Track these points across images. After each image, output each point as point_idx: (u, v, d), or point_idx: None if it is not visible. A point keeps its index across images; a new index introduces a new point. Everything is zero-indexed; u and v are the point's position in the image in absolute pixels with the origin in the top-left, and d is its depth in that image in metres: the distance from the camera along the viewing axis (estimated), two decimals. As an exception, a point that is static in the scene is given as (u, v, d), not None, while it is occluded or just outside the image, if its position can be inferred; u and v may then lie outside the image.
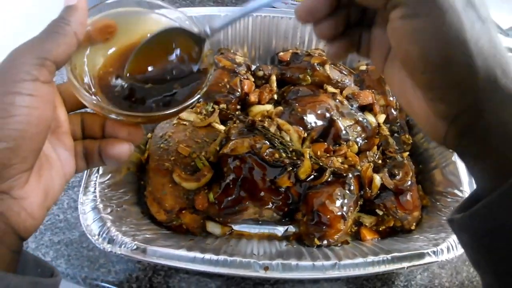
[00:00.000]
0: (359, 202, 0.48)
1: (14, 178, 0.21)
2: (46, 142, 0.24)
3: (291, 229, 0.49)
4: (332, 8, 0.24)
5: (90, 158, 0.28)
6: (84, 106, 0.27)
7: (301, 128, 0.49)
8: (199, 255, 0.40)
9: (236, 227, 0.49)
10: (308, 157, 0.46)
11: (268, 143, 0.46)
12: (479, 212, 0.21)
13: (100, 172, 0.45)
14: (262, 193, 0.46)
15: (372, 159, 0.51)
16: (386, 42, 0.24)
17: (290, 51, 0.58)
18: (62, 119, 0.25)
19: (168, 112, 0.25)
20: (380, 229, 0.50)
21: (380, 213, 0.49)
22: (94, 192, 0.44)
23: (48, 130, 0.22)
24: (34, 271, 0.24)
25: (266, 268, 0.40)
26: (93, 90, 0.25)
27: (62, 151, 0.25)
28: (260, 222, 0.49)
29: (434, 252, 0.43)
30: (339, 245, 0.47)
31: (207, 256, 0.40)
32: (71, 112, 0.27)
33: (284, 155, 0.46)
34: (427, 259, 0.42)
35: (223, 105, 0.51)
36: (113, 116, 0.24)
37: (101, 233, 0.41)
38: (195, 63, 0.27)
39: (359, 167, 0.49)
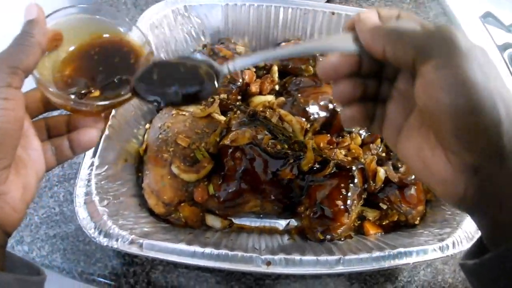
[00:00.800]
0: (362, 196, 0.46)
1: None
2: (18, 146, 0.26)
3: (293, 222, 0.47)
4: (353, 70, 0.25)
5: (60, 153, 0.30)
6: (46, 111, 0.30)
7: (304, 119, 0.47)
8: (199, 249, 0.38)
9: (236, 221, 0.47)
10: (311, 148, 0.44)
11: (269, 134, 0.44)
12: (493, 261, 0.21)
13: (96, 163, 0.42)
14: (264, 186, 0.43)
15: (376, 151, 0.49)
16: (400, 117, 0.25)
17: (292, 41, 0.55)
18: (27, 124, 0.28)
19: (122, 98, 0.28)
20: (384, 223, 0.48)
21: (384, 207, 0.47)
22: (90, 184, 0.41)
23: (22, 129, 0.25)
24: (21, 271, 0.26)
25: (268, 263, 0.38)
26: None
27: (31, 152, 0.28)
28: (261, 216, 0.47)
29: (440, 248, 0.41)
30: (342, 239, 0.44)
31: (207, 250, 0.38)
32: (34, 119, 0.30)
33: (286, 146, 0.44)
34: (433, 255, 0.40)
35: (223, 96, 0.49)
36: (78, 107, 0.27)
37: (97, 226, 0.39)
38: (136, 58, 0.30)
39: (362, 160, 0.47)
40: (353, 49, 0.24)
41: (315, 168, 0.44)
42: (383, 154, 0.49)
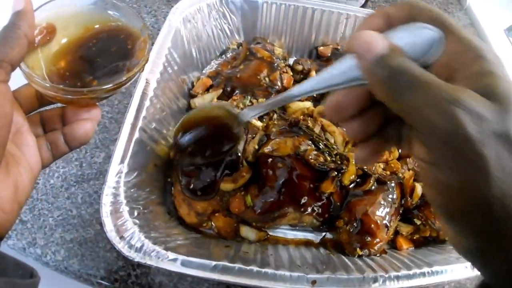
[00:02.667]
0: (400, 211, 0.43)
1: None
2: (11, 142, 0.25)
3: (328, 235, 0.43)
4: (362, 106, 0.21)
5: (55, 148, 0.28)
6: (40, 106, 0.28)
7: (345, 130, 0.42)
8: (241, 266, 0.33)
9: (270, 232, 0.42)
10: (353, 162, 0.40)
11: (312, 145, 0.40)
12: None
13: (125, 170, 0.37)
14: (304, 198, 0.39)
15: (412, 166, 0.46)
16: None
17: (331, 46, 0.50)
18: (21, 120, 0.26)
19: (114, 83, 0.25)
20: (414, 238, 0.45)
21: (418, 222, 0.44)
22: (118, 193, 0.35)
23: (10, 125, 0.23)
24: (15, 273, 0.24)
25: (313, 282, 0.34)
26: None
27: (26, 148, 0.26)
28: (295, 228, 0.43)
29: (471, 266, 0.39)
30: (378, 255, 0.41)
31: (251, 268, 0.33)
32: (29, 114, 0.28)
33: (328, 158, 0.40)
34: (467, 273, 0.38)
35: (261, 100, 0.44)
36: (69, 96, 0.25)
37: (127, 239, 0.34)
38: (133, 43, 0.28)
39: (400, 175, 0.43)
40: (359, 80, 0.19)
41: (356, 182, 0.41)
42: (419, 169, 0.46)
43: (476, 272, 0.39)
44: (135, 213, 0.36)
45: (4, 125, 0.22)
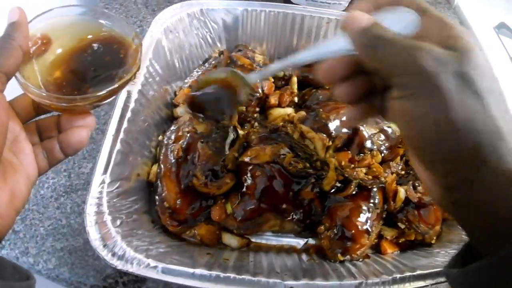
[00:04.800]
0: (383, 215, 0.44)
1: None
2: (8, 151, 0.26)
3: (311, 241, 0.45)
4: (350, 72, 0.25)
5: (51, 155, 0.29)
6: (37, 115, 0.29)
7: (325, 136, 0.44)
8: (219, 274, 0.35)
9: (253, 239, 0.44)
10: (333, 167, 0.41)
11: (291, 151, 0.41)
12: (474, 273, 0.21)
13: (108, 180, 0.39)
14: (284, 205, 0.41)
15: (395, 170, 0.47)
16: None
17: (312, 51, 0.51)
18: (18, 129, 0.27)
19: (106, 90, 0.27)
20: (400, 241, 0.46)
21: (402, 226, 0.45)
22: (101, 203, 0.38)
23: (6, 134, 0.24)
24: (12, 276, 0.25)
25: (290, 289, 0.35)
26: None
27: (23, 156, 0.27)
28: (278, 234, 0.45)
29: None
30: (360, 260, 0.43)
31: (229, 275, 0.35)
32: (26, 123, 0.29)
33: (308, 165, 0.41)
34: (451, 277, 0.39)
35: (242, 108, 0.45)
36: (63, 104, 0.26)
37: (111, 249, 0.36)
38: (125, 52, 0.29)
39: (383, 179, 0.44)
40: (348, 51, 0.24)
41: (336, 187, 0.42)
42: (403, 172, 0.47)
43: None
44: (118, 222, 0.38)
45: (0, 134, 0.23)
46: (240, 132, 0.45)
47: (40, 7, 0.28)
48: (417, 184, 0.46)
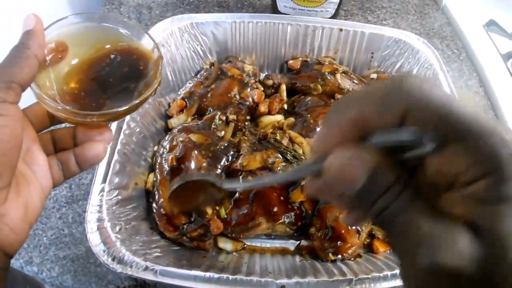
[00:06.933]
0: (372, 216, 0.47)
1: None
2: (21, 161, 0.26)
3: (304, 242, 0.48)
4: None
5: (66, 168, 0.29)
6: (52, 124, 0.29)
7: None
8: (214, 275, 0.38)
9: (248, 242, 0.47)
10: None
11: (280, 157, 0.45)
12: None
13: (107, 189, 0.43)
14: (275, 209, 0.44)
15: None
16: None
17: (300, 59, 0.56)
18: (32, 138, 0.27)
19: (126, 107, 0.27)
20: (392, 241, 0.49)
21: (393, 225, 0.48)
22: (101, 210, 0.42)
23: (20, 146, 0.24)
24: (23, 286, 0.25)
25: (283, 287, 0.39)
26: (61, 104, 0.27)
27: (36, 167, 0.27)
28: (272, 237, 0.48)
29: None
30: (352, 259, 0.46)
31: (223, 276, 0.38)
32: (40, 132, 0.29)
33: (297, 169, 0.45)
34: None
35: (232, 116, 0.49)
36: (79, 119, 0.26)
37: (110, 253, 0.40)
38: (145, 63, 0.29)
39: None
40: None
41: (325, 189, 0.45)
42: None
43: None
44: (117, 229, 0.42)
45: (15, 147, 0.23)
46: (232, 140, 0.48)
47: (44, 13, 0.27)
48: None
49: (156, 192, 0.46)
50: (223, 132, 0.49)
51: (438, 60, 0.56)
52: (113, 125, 0.45)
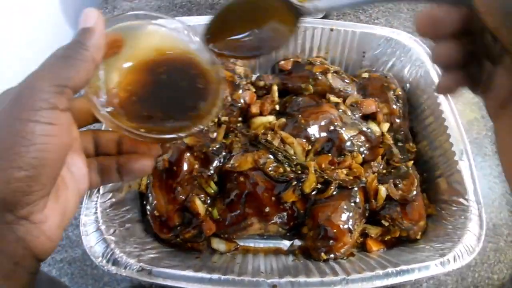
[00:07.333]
0: (365, 214, 0.48)
1: (34, 204, 0.21)
2: None
3: (297, 242, 0.49)
4: (459, 27, 0.20)
5: (106, 174, 0.27)
6: (95, 121, 0.26)
7: (305, 141, 0.48)
8: (206, 275, 0.39)
9: (241, 242, 0.48)
10: (312, 170, 0.45)
11: (272, 157, 0.46)
12: None
13: (101, 192, 0.44)
14: (267, 209, 0.45)
15: (377, 169, 0.51)
16: (508, 90, 0.20)
17: (291, 59, 0.56)
18: (74, 137, 0.25)
19: (183, 134, 0.25)
20: (386, 239, 0.50)
21: (386, 224, 0.48)
22: (96, 213, 0.43)
23: (66, 156, 0.22)
24: None
25: (274, 286, 0.39)
26: (108, 107, 0.24)
27: (75, 169, 0.25)
28: (265, 237, 0.49)
29: (441, 263, 0.43)
30: (345, 258, 0.46)
31: (214, 276, 0.39)
32: (82, 129, 0.27)
33: (288, 169, 0.46)
34: (434, 270, 0.42)
35: (224, 118, 0.50)
36: (132, 135, 0.24)
37: (105, 254, 0.41)
38: (204, 83, 0.27)
39: (364, 179, 0.48)
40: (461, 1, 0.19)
41: (317, 189, 0.46)
42: (384, 171, 0.51)
43: (442, 270, 0.42)
44: (112, 231, 0.43)
45: (61, 158, 0.22)
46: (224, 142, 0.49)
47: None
48: (398, 182, 0.49)
49: (149, 195, 0.47)
50: (215, 134, 0.50)
51: (430, 57, 0.57)
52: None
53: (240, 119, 0.52)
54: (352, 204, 0.46)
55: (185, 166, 0.46)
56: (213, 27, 0.26)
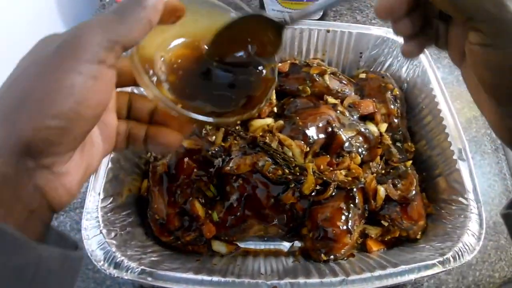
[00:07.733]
0: (365, 215, 0.48)
1: (59, 155, 0.20)
2: None
3: (297, 244, 0.49)
4: (410, 7, 0.25)
5: (133, 140, 0.27)
6: (134, 84, 0.26)
7: (303, 142, 0.49)
8: (206, 277, 0.40)
9: (241, 244, 0.49)
10: (311, 172, 0.46)
11: (270, 160, 0.46)
12: None
13: (102, 196, 0.45)
14: (267, 211, 0.46)
15: (376, 169, 0.51)
16: (462, 43, 0.25)
17: (288, 61, 0.57)
18: (112, 95, 0.25)
19: (231, 120, 0.24)
20: (386, 239, 0.50)
21: (386, 224, 0.49)
22: (97, 217, 0.43)
23: (102, 114, 0.21)
24: (57, 243, 0.23)
25: (274, 288, 0.40)
26: (152, 75, 0.23)
27: (105, 128, 0.25)
28: (265, 238, 0.49)
29: (441, 262, 0.43)
30: (345, 259, 0.47)
31: (215, 278, 0.40)
32: (119, 89, 0.26)
33: (287, 171, 0.46)
34: (434, 270, 0.43)
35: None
36: (168, 108, 0.23)
37: (106, 258, 0.41)
38: (257, 77, 0.26)
39: (362, 179, 0.49)
40: None
41: (316, 190, 0.47)
42: (383, 172, 0.51)
43: (442, 269, 0.43)
44: (113, 234, 0.44)
45: (98, 115, 0.21)
46: (223, 144, 0.50)
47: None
48: (396, 182, 0.50)
49: (150, 198, 0.48)
50: (214, 137, 0.50)
51: (427, 56, 0.57)
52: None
53: (238, 122, 0.53)
54: (351, 205, 0.47)
55: (185, 170, 0.47)
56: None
